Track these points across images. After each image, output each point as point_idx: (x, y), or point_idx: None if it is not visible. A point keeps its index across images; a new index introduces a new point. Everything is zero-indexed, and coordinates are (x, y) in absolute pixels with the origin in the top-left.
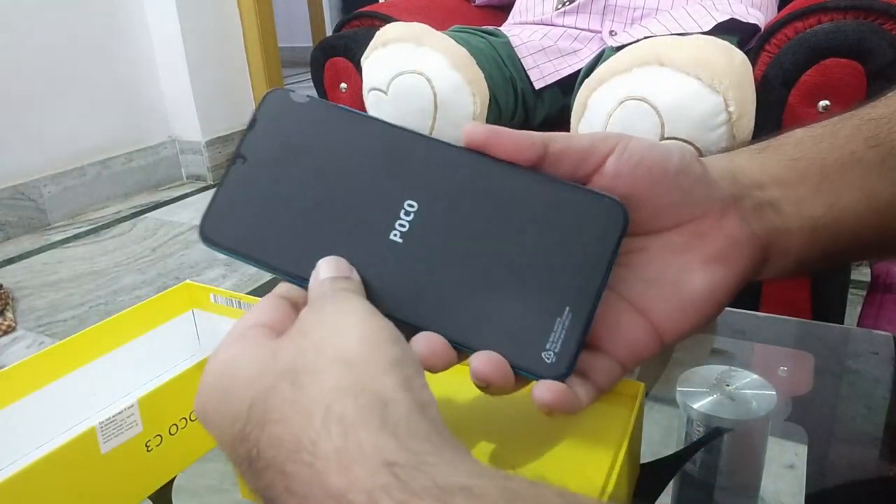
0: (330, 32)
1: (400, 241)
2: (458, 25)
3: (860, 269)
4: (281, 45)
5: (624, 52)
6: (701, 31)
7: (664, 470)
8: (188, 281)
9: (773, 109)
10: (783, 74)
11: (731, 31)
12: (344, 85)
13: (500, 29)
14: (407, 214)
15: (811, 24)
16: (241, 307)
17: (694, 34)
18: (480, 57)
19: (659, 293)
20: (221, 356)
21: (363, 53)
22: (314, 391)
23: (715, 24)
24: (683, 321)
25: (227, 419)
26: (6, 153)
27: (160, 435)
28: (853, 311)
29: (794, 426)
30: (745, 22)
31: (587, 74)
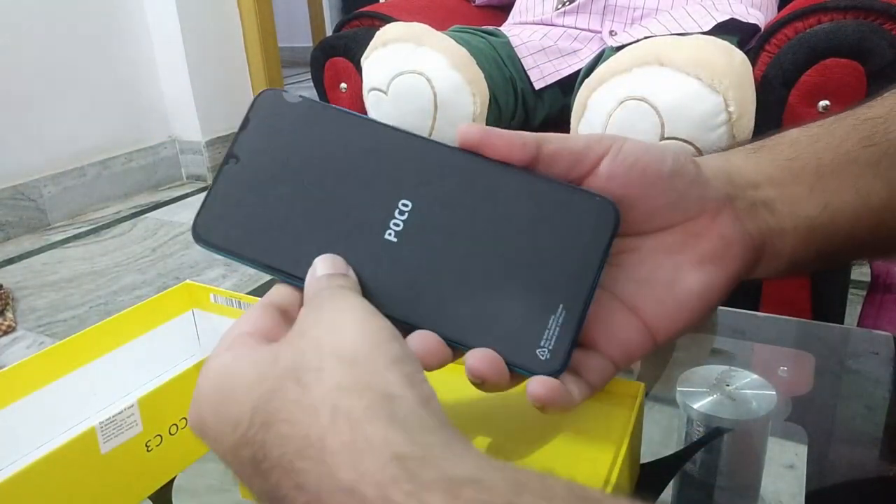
0: (330, 32)
1: (395, 240)
2: (458, 25)
3: (860, 269)
4: (281, 45)
5: (624, 52)
6: (701, 31)
7: (664, 470)
8: (188, 281)
9: (773, 109)
10: (783, 74)
11: (731, 31)
12: (344, 85)
13: (500, 29)
14: (401, 214)
15: (811, 24)
16: (241, 307)
17: (694, 34)
18: (480, 57)
19: (652, 293)
20: (215, 365)
21: (363, 53)
22: (319, 389)
23: (715, 24)
24: (676, 321)
25: (227, 426)
26: (6, 153)
27: (160, 435)
28: (853, 311)
29: (794, 426)
30: (745, 22)
31: (587, 74)
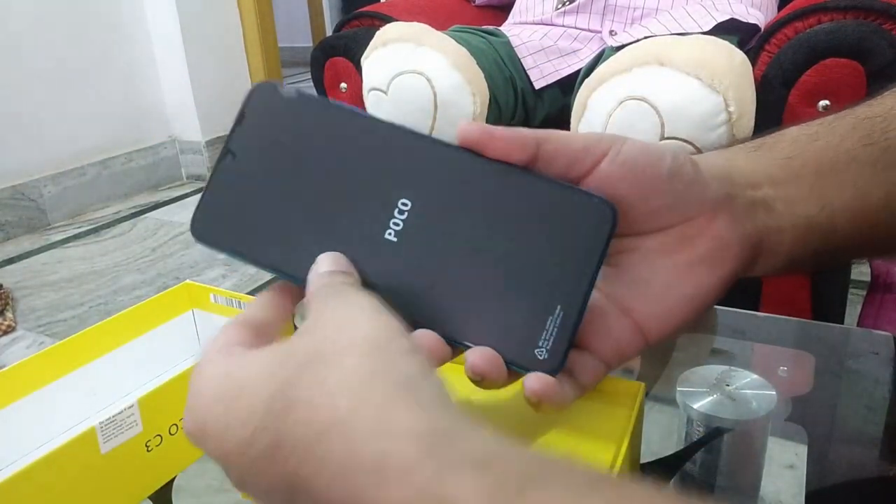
0: (330, 32)
1: (394, 239)
2: (458, 25)
3: (860, 268)
4: (281, 45)
5: (624, 52)
6: (701, 31)
7: (664, 470)
8: (188, 281)
9: (773, 109)
10: (783, 74)
11: (731, 31)
12: (344, 85)
13: (500, 29)
14: (401, 213)
15: (811, 24)
16: (240, 307)
17: (694, 34)
18: (480, 57)
19: (644, 294)
20: (213, 370)
21: (363, 53)
22: (340, 375)
23: (715, 24)
24: (668, 322)
25: (235, 424)
26: (6, 153)
27: (160, 435)
28: (853, 311)
29: (794, 426)
30: (745, 22)
31: (587, 74)
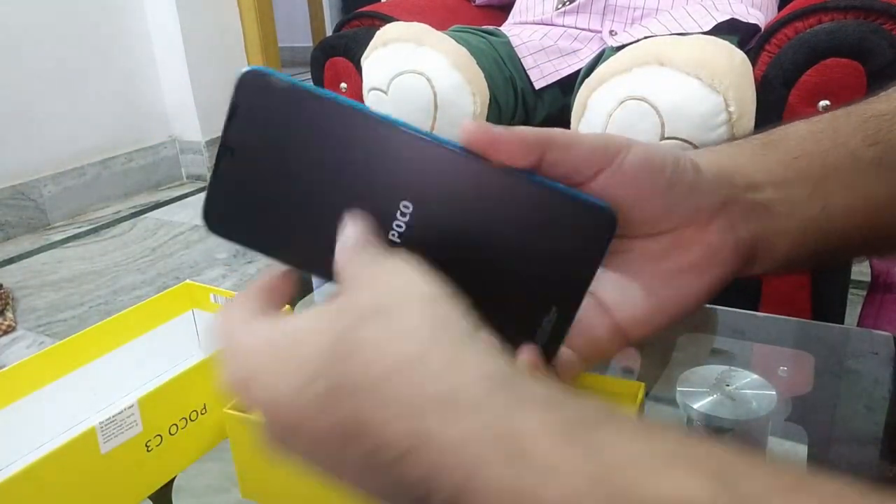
0: (330, 32)
1: (398, 241)
2: (458, 25)
3: (860, 268)
4: (281, 45)
5: (624, 52)
6: (701, 31)
7: None
8: (188, 281)
9: (773, 109)
10: (783, 74)
11: (731, 31)
12: (344, 85)
13: (500, 29)
14: (403, 216)
15: (811, 24)
16: None
17: (694, 34)
18: (480, 57)
19: (627, 296)
20: (260, 327)
21: (363, 53)
22: (408, 321)
23: (715, 24)
24: (649, 323)
25: (286, 373)
26: (6, 153)
27: (160, 435)
28: (853, 311)
29: (794, 426)
30: (745, 22)
31: (587, 74)
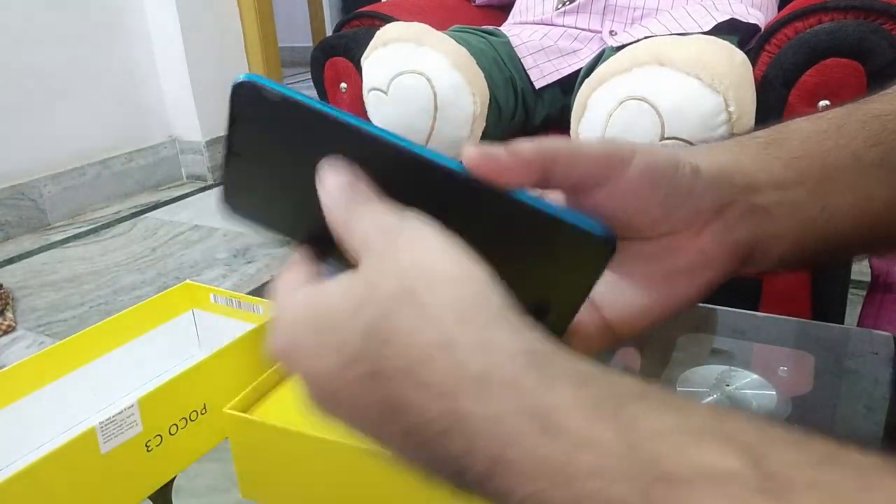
0: (330, 32)
1: None
2: (458, 25)
3: (860, 268)
4: (281, 45)
5: (624, 52)
6: (701, 31)
7: None
8: (188, 281)
9: (773, 109)
10: (783, 74)
11: (731, 31)
12: (344, 85)
13: (500, 29)
14: None
15: (811, 24)
16: (240, 307)
17: (694, 34)
18: (480, 57)
19: (618, 296)
20: (302, 296)
21: (363, 53)
22: (437, 303)
23: (715, 24)
24: (638, 322)
25: (325, 353)
26: (6, 153)
27: (160, 435)
28: (853, 311)
29: (793, 426)
30: (745, 22)
31: (587, 74)
